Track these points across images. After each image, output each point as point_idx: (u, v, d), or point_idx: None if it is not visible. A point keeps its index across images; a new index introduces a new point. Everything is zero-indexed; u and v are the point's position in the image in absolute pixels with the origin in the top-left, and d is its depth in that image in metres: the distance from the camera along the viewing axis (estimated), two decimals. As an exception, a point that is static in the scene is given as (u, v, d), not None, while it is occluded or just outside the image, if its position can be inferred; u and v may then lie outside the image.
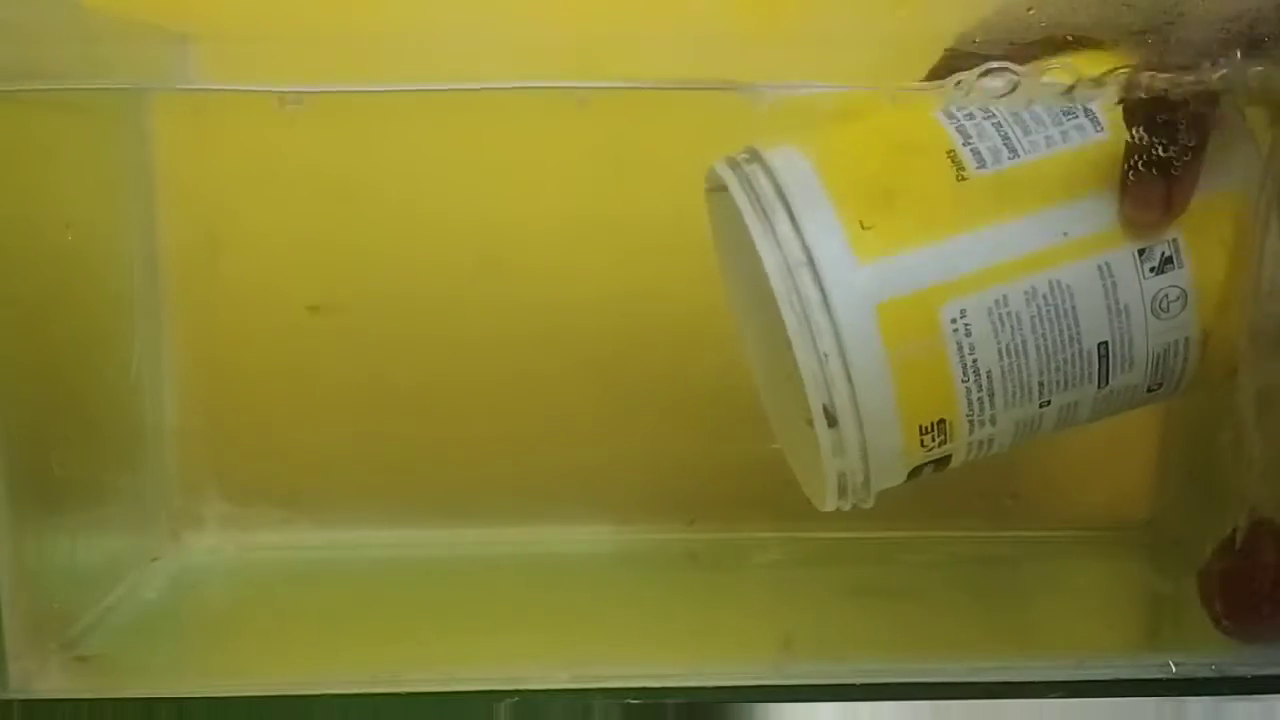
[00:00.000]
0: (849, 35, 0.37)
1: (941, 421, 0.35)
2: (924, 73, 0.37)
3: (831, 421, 0.35)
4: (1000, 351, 0.35)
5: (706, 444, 0.50)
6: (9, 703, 0.37)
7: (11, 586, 0.38)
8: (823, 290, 0.34)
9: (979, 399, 0.35)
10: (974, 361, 0.35)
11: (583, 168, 0.47)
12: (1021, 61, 0.35)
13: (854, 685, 0.37)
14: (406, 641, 0.42)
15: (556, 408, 0.49)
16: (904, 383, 0.35)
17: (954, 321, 0.34)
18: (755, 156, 0.36)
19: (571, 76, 0.39)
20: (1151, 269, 0.35)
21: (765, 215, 0.35)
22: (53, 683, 0.39)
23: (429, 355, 0.49)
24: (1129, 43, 0.35)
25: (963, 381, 0.35)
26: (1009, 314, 0.35)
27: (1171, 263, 0.35)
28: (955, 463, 0.37)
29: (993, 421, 0.36)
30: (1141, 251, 0.35)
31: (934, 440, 0.36)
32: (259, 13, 0.43)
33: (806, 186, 0.35)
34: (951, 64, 0.36)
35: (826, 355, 0.34)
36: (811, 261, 0.34)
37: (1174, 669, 0.38)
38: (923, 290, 0.34)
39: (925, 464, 0.37)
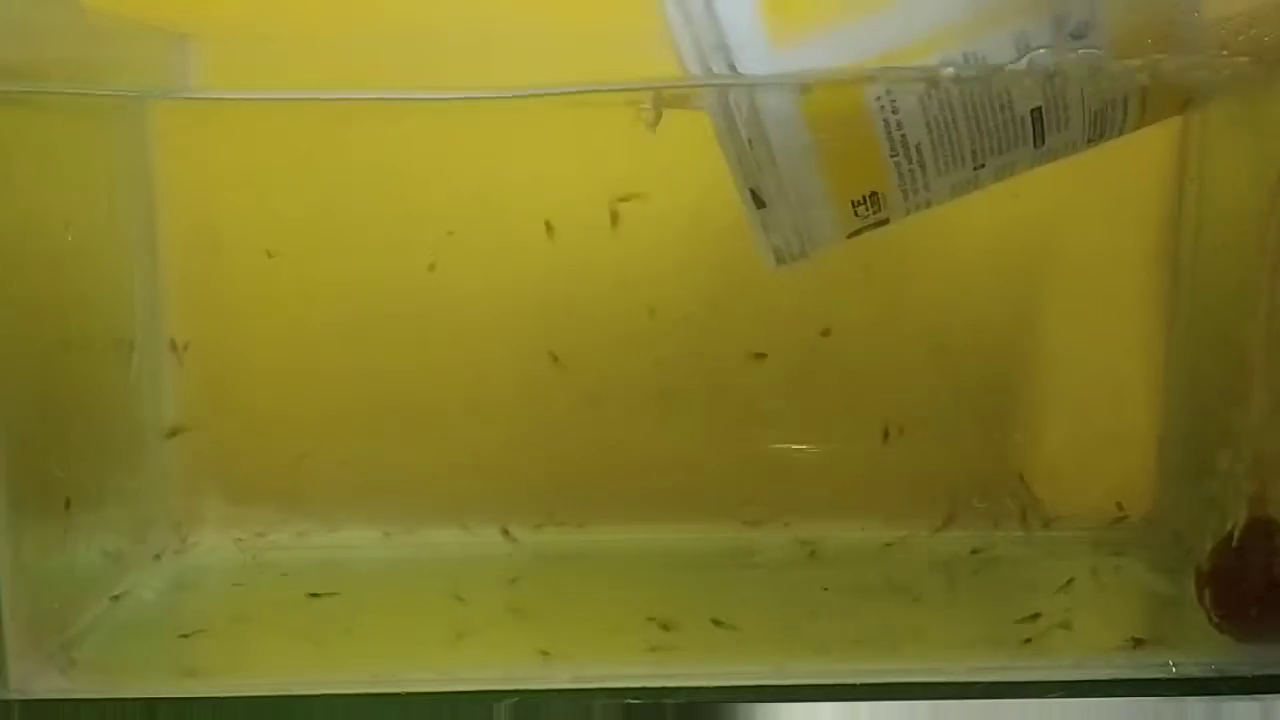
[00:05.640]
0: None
1: (874, 194, 0.35)
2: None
3: (760, 204, 0.35)
4: (929, 125, 0.34)
5: (708, 444, 0.50)
6: (9, 703, 0.38)
7: (11, 586, 0.38)
8: (739, 74, 0.34)
9: (910, 170, 0.35)
10: (903, 137, 0.35)
11: (583, 168, 0.47)
12: None
13: (854, 685, 0.37)
14: (406, 641, 0.42)
15: (556, 408, 0.49)
16: (830, 165, 0.34)
17: (879, 99, 0.34)
18: None
19: (571, 77, 0.39)
20: (1070, 34, 0.34)
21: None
22: (53, 683, 0.39)
23: (429, 355, 0.49)
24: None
25: (892, 156, 0.35)
26: (936, 88, 0.34)
27: (1089, 25, 0.34)
28: (893, 222, 0.37)
29: (927, 188, 0.36)
30: (1058, 18, 0.34)
31: (868, 210, 0.36)
32: (259, 13, 0.43)
33: None
34: None
35: (750, 141, 0.34)
36: (726, 45, 0.34)
37: (1174, 669, 0.38)
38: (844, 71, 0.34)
39: (863, 228, 0.37)
